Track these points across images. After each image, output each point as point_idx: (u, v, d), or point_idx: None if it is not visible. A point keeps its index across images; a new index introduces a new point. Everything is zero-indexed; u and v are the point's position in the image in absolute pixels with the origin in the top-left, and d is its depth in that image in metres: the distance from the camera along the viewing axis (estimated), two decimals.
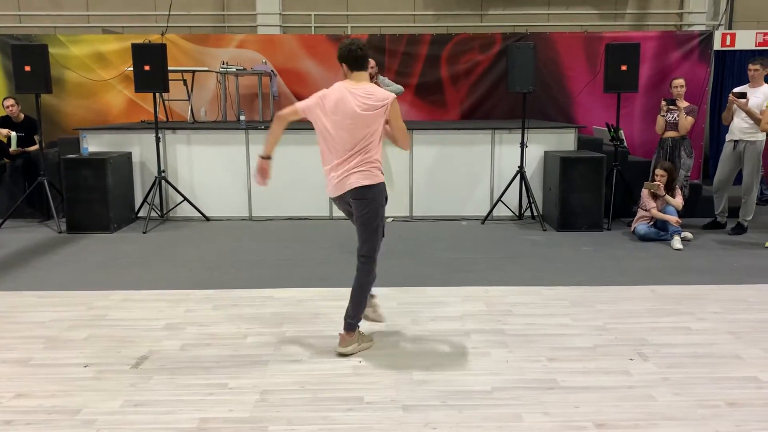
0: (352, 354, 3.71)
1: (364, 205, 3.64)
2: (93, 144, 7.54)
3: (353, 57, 3.64)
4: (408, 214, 7.69)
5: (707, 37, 9.01)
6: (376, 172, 3.63)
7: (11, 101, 7.70)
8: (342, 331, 3.75)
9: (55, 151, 7.86)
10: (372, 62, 7.61)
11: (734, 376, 3.42)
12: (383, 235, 3.81)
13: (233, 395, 3.23)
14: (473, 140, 7.59)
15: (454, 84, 9.26)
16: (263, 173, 3.76)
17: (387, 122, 3.67)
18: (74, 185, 6.88)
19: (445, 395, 3.22)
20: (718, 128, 9.16)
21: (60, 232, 6.95)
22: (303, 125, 8.15)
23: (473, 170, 7.62)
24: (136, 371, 3.50)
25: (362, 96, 3.57)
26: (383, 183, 3.70)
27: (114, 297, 4.77)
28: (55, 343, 3.90)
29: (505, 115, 9.23)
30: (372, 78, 7.62)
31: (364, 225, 3.69)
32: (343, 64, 3.69)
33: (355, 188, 3.60)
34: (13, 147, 7.60)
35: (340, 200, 3.73)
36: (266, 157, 3.74)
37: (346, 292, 4.82)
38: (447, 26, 10.40)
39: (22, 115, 7.81)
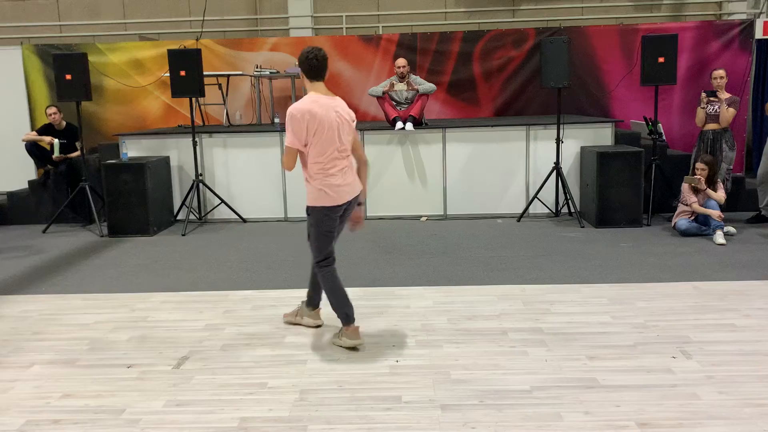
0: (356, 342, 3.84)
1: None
2: (132, 149, 7.71)
3: (309, 66, 3.72)
4: (442, 213, 7.66)
5: (748, 25, 8.77)
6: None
7: (53, 109, 7.91)
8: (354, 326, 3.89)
9: (96, 157, 8.05)
10: (404, 62, 7.63)
11: None
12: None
13: (273, 395, 3.26)
14: (507, 137, 7.52)
15: (487, 81, 9.20)
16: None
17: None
18: (115, 190, 7.03)
19: (483, 394, 3.20)
20: (761, 119, 8.91)
21: (102, 236, 7.11)
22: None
23: (508, 167, 7.55)
24: (178, 371, 3.57)
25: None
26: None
27: (155, 299, 4.86)
28: (100, 344, 4.00)
29: (540, 111, 9.13)
30: (404, 77, 7.63)
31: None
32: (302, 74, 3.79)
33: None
34: (56, 154, 7.81)
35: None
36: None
37: (382, 292, 4.85)
38: (479, 23, 10.34)
39: (64, 123, 8.01)
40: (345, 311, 3.84)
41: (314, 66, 3.71)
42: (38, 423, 3.04)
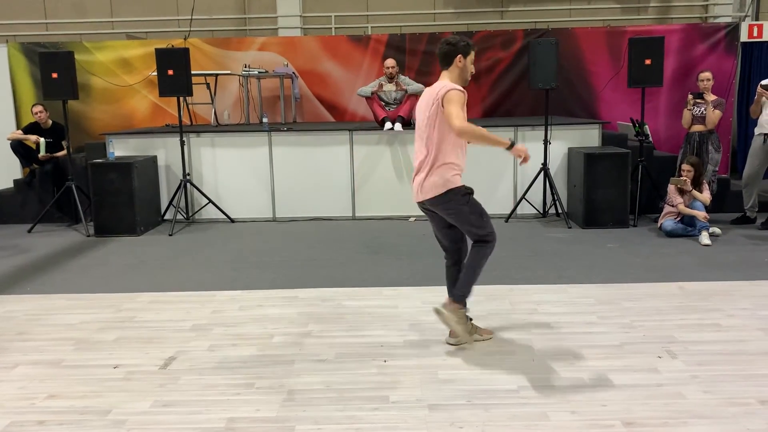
0: (460, 339, 3.75)
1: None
2: (119, 148, 7.65)
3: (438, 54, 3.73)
4: None
5: (733, 28, 8.86)
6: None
7: (39, 108, 7.85)
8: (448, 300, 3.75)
9: (82, 156, 7.99)
10: (393, 62, 7.65)
11: (765, 373, 3.36)
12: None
13: (260, 395, 3.25)
14: None
15: (475, 82, 9.20)
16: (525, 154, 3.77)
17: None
18: (101, 189, 6.99)
19: (471, 394, 3.21)
20: (746, 121, 9.00)
21: (88, 236, 7.06)
22: (325, 126, 8.20)
23: (496, 168, 7.58)
24: (165, 372, 3.55)
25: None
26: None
27: (142, 299, 4.84)
28: (85, 344, 3.97)
29: (528, 112, 9.17)
30: (392, 78, 7.64)
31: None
32: None
33: None
34: (42, 153, 7.75)
35: None
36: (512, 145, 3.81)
37: (370, 292, 4.85)
38: (467, 24, 10.36)
39: (50, 122, 7.95)
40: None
41: (438, 53, 3.72)
42: (23, 424, 3.01)
